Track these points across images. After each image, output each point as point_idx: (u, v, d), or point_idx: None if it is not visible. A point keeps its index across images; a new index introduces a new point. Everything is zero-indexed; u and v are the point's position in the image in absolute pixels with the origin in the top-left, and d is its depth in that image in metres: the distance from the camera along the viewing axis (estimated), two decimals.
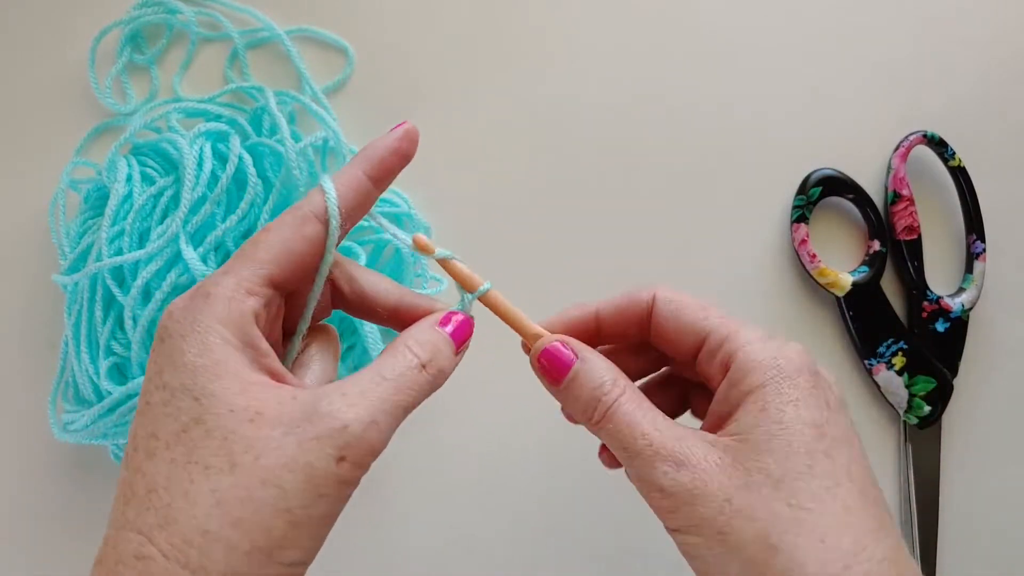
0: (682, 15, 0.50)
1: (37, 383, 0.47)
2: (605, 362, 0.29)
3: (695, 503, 0.26)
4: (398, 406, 0.26)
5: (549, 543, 0.46)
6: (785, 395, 0.27)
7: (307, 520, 0.24)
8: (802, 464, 0.26)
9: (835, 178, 0.48)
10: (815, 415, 0.27)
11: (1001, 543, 0.47)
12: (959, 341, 0.47)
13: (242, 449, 0.23)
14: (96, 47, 0.48)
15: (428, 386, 0.27)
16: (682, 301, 0.30)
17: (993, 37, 0.50)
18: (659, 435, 0.27)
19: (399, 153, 0.30)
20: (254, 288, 0.26)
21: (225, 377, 0.24)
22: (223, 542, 0.23)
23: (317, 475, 0.24)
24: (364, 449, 0.24)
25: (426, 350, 0.27)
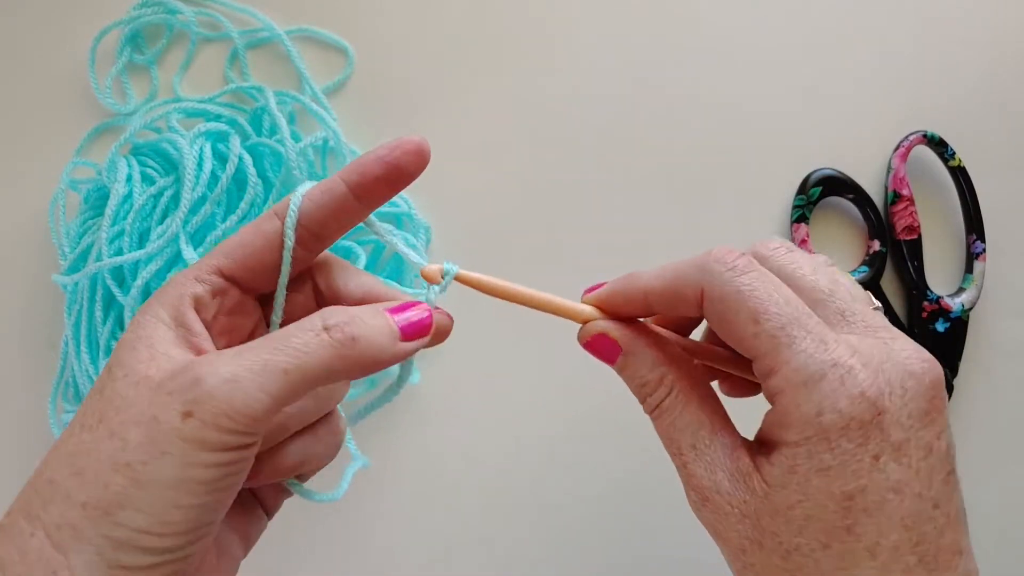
0: (682, 15, 0.50)
1: (37, 383, 0.47)
2: (652, 353, 0.28)
3: (716, 539, 0.26)
4: (275, 366, 0.23)
5: (548, 545, 0.46)
6: (817, 461, 0.24)
7: (149, 480, 0.22)
8: (817, 542, 0.24)
9: (835, 178, 0.48)
10: (848, 484, 0.23)
11: (1001, 543, 0.47)
12: (959, 341, 0.47)
13: (115, 408, 0.23)
14: (96, 47, 0.48)
15: (329, 351, 0.24)
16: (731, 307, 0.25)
17: (993, 37, 0.50)
18: (693, 456, 0.26)
19: (384, 162, 0.26)
20: (201, 276, 0.26)
21: (139, 348, 0.24)
22: (62, 492, 0.22)
23: (161, 429, 0.22)
24: (216, 407, 0.22)
25: (337, 316, 0.24)
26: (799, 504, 0.24)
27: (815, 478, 0.24)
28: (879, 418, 0.23)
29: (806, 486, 0.24)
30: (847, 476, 0.23)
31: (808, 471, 0.24)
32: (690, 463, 0.26)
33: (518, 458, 0.47)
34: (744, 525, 0.25)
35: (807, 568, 0.24)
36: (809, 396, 0.24)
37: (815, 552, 0.24)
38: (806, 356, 0.24)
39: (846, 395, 0.23)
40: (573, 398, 0.46)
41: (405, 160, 0.27)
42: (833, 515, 0.23)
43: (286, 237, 0.26)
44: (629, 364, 0.28)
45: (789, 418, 0.24)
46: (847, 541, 0.23)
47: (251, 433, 0.23)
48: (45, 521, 0.22)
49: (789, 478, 0.24)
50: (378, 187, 0.27)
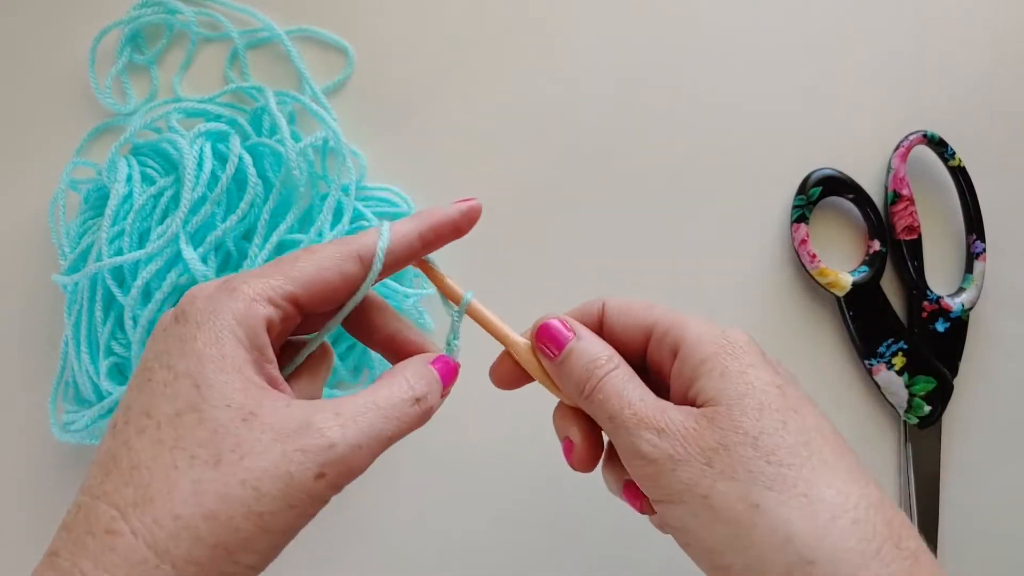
0: (682, 16, 0.50)
1: (37, 383, 0.47)
2: (601, 341, 0.31)
3: (677, 469, 0.27)
4: (384, 435, 0.26)
5: (549, 544, 0.46)
6: (741, 359, 0.28)
7: (274, 527, 0.24)
8: (776, 421, 0.26)
9: (835, 178, 0.48)
10: (774, 377, 0.28)
11: (1001, 543, 0.47)
12: (959, 341, 0.47)
13: (230, 446, 0.24)
14: (96, 47, 0.48)
15: (417, 420, 0.27)
16: (628, 302, 0.31)
17: (993, 37, 0.50)
18: (643, 406, 0.28)
19: (455, 226, 0.31)
20: (276, 299, 0.27)
21: (229, 371, 0.25)
22: (191, 531, 0.23)
23: (294, 486, 0.24)
24: (344, 470, 0.25)
25: (421, 385, 0.28)
26: (748, 392, 0.27)
27: (749, 371, 0.28)
28: (764, 354, 0.29)
29: (744, 378, 0.27)
30: (768, 372, 0.28)
31: (739, 368, 0.28)
32: (640, 410, 0.28)
33: (518, 458, 0.47)
34: (704, 437, 0.27)
35: (778, 447, 0.26)
36: (711, 326, 0.29)
37: (778, 431, 0.26)
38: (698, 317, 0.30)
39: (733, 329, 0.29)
40: None
41: (471, 223, 0.31)
42: (778, 398, 0.27)
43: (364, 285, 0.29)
44: (581, 344, 0.30)
45: (700, 339, 0.29)
46: (797, 420, 0.27)
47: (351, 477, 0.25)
48: (174, 556, 0.23)
49: (725, 380, 0.27)
50: (441, 243, 0.31)
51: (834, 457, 0.26)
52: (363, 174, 0.48)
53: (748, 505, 0.25)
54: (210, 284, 0.27)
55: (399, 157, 0.49)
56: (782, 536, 0.25)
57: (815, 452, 0.26)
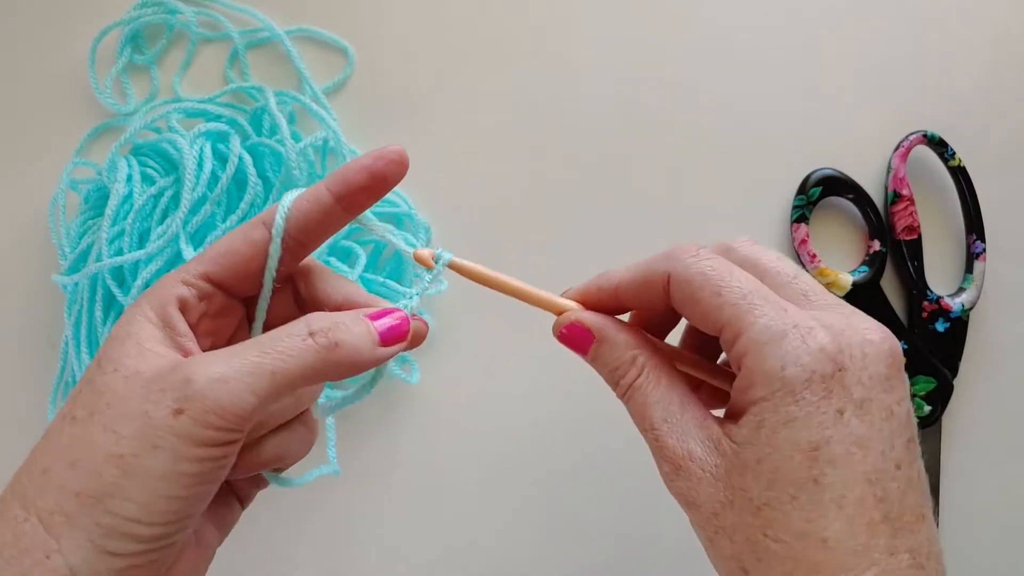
0: (682, 16, 0.50)
1: (37, 383, 0.47)
2: (625, 337, 0.29)
3: (688, 508, 0.27)
4: (263, 368, 0.24)
5: (549, 544, 0.46)
6: (783, 413, 0.25)
7: (141, 471, 0.23)
8: (785, 494, 0.24)
9: (835, 178, 0.48)
10: (814, 435, 0.24)
11: (1001, 543, 0.47)
12: (959, 341, 0.47)
13: (106, 401, 0.24)
14: (96, 47, 0.48)
15: (313, 355, 0.25)
16: (695, 284, 0.27)
17: (993, 37, 0.50)
18: (666, 429, 0.27)
19: (368, 171, 0.28)
20: (188, 279, 0.27)
21: (127, 343, 0.25)
22: (56, 481, 0.24)
23: (153, 424, 0.23)
24: (207, 405, 0.23)
25: (321, 322, 0.26)
26: (767, 457, 0.25)
27: (782, 430, 0.25)
28: (840, 374, 0.25)
29: (773, 438, 0.25)
30: (812, 427, 0.24)
31: (775, 424, 0.25)
32: (662, 435, 0.27)
33: (518, 458, 0.47)
34: (716, 488, 0.26)
35: (777, 522, 0.24)
36: (773, 352, 0.25)
37: (784, 505, 0.24)
38: (768, 319, 0.25)
39: (807, 351, 0.25)
40: (573, 397, 0.46)
41: (388, 169, 0.28)
42: (800, 466, 0.24)
43: (272, 246, 0.27)
44: (602, 350, 0.29)
45: (754, 376, 0.25)
46: (814, 492, 0.24)
47: (237, 430, 0.24)
48: (39, 508, 0.24)
49: (757, 434, 0.25)
50: (361, 195, 0.28)
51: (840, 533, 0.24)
52: None
53: (738, 567, 0.25)
54: None
55: None
56: None
57: (817, 532, 0.24)
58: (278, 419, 0.29)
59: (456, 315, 0.48)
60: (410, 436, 0.47)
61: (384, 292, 0.45)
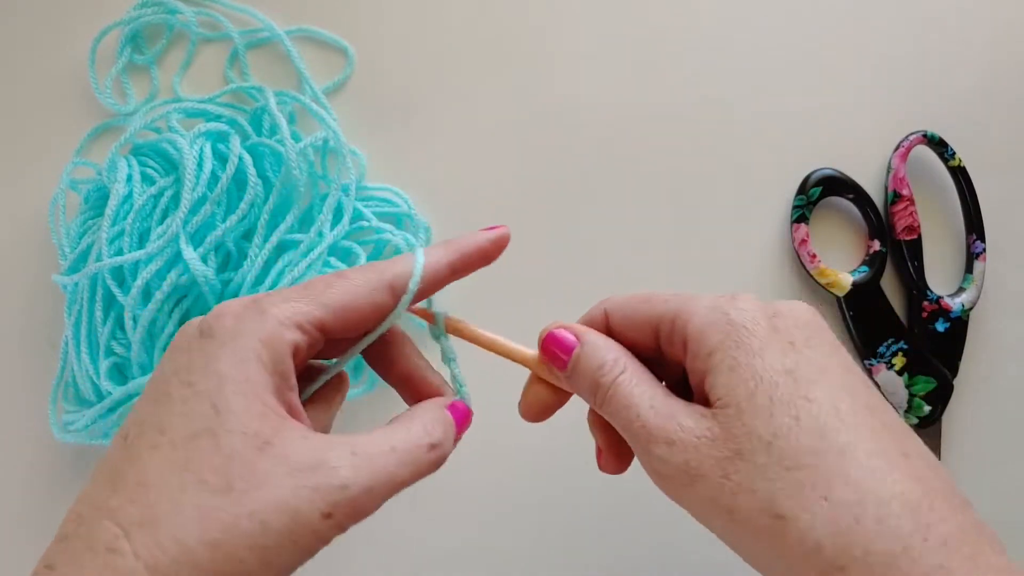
0: (682, 15, 0.50)
1: (37, 383, 0.47)
2: (607, 342, 0.29)
3: (694, 484, 0.25)
4: (397, 479, 0.25)
5: (549, 545, 0.46)
6: (748, 345, 0.26)
7: (275, 562, 0.23)
8: (788, 418, 0.24)
9: (835, 178, 0.48)
10: (785, 361, 0.25)
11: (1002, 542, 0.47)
12: (959, 341, 0.47)
13: (241, 475, 0.23)
14: (96, 47, 0.48)
15: (429, 467, 0.27)
16: (627, 300, 0.30)
17: (993, 37, 0.50)
18: (653, 413, 0.27)
19: (484, 255, 0.30)
20: (305, 325, 0.26)
21: (249, 396, 0.24)
22: (193, 558, 0.22)
23: (301, 523, 0.23)
24: (351, 512, 0.24)
25: (438, 431, 0.27)
26: (757, 389, 0.25)
27: (755, 361, 0.25)
28: (775, 319, 0.27)
29: (751, 370, 0.25)
30: (778, 354, 0.26)
31: (746, 359, 0.26)
32: (650, 420, 0.27)
33: (518, 458, 0.47)
34: (717, 447, 0.25)
35: (791, 449, 0.24)
36: (714, 310, 0.27)
37: (792, 430, 0.24)
38: (700, 297, 0.28)
39: (742, 304, 0.27)
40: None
41: (499, 251, 0.31)
42: (787, 389, 0.25)
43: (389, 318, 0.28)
44: (585, 351, 0.29)
45: (705, 331, 0.27)
46: (809, 408, 0.25)
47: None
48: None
49: (733, 375, 0.25)
50: (469, 271, 0.30)
51: (854, 441, 0.24)
52: (363, 174, 0.48)
53: (772, 517, 0.24)
54: (238, 301, 0.26)
55: (399, 157, 0.49)
56: (810, 546, 0.23)
57: (830, 444, 0.24)
58: None
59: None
60: None
61: None
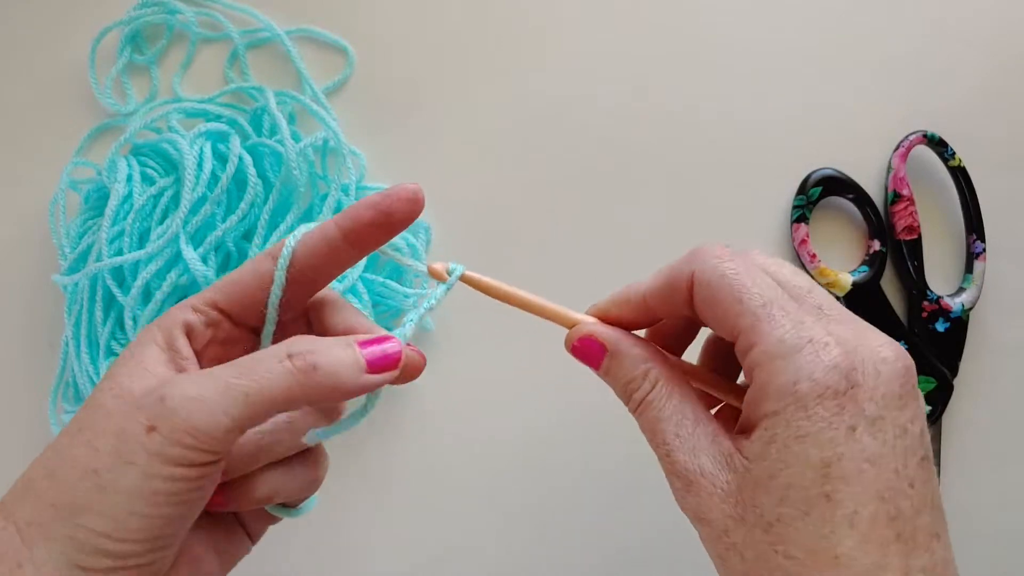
0: (682, 15, 0.50)
1: (37, 383, 0.47)
2: (638, 351, 0.28)
3: (699, 524, 0.26)
4: (237, 389, 0.24)
5: (549, 545, 0.46)
6: (794, 428, 0.24)
7: (112, 487, 0.23)
8: (797, 510, 0.24)
9: (835, 178, 0.48)
10: (825, 452, 0.24)
11: (1001, 543, 0.47)
12: (959, 341, 0.47)
13: (93, 418, 0.25)
14: (96, 47, 0.48)
15: (290, 378, 0.24)
16: (717, 287, 0.26)
17: (993, 37, 0.50)
18: (678, 445, 0.26)
19: (377, 209, 0.27)
20: (198, 306, 0.28)
21: (129, 364, 0.26)
22: (35, 492, 0.24)
23: (126, 441, 0.24)
24: (178, 424, 0.23)
25: (302, 345, 0.25)
26: (780, 473, 0.24)
27: (794, 445, 0.24)
28: (853, 391, 0.24)
29: (785, 454, 0.24)
30: (824, 443, 0.24)
31: (786, 439, 0.24)
32: (674, 451, 0.26)
33: (519, 458, 0.47)
34: (727, 504, 0.25)
35: (789, 538, 0.24)
36: (786, 366, 0.25)
37: (796, 521, 0.24)
38: (784, 331, 0.25)
39: (821, 366, 0.24)
40: (573, 398, 0.46)
41: (397, 207, 0.27)
42: (812, 482, 0.24)
43: (276, 276, 0.28)
44: (615, 363, 0.28)
45: (767, 389, 0.25)
46: (826, 509, 0.24)
47: (211, 451, 0.24)
48: (17, 517, 0.24)
49: (768, 449, 0.25)
50: (370, 233, 0.28)
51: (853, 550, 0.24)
52: (363, 174, 0.48)
53: None
54: None
55: (399, 157, 0.49)
56: None
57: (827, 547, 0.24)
58: (273, 453, 0.29)
59: (456, 315, 0.48)
60: (409, 437, 0.47)
61: (384, 292, 0.45)
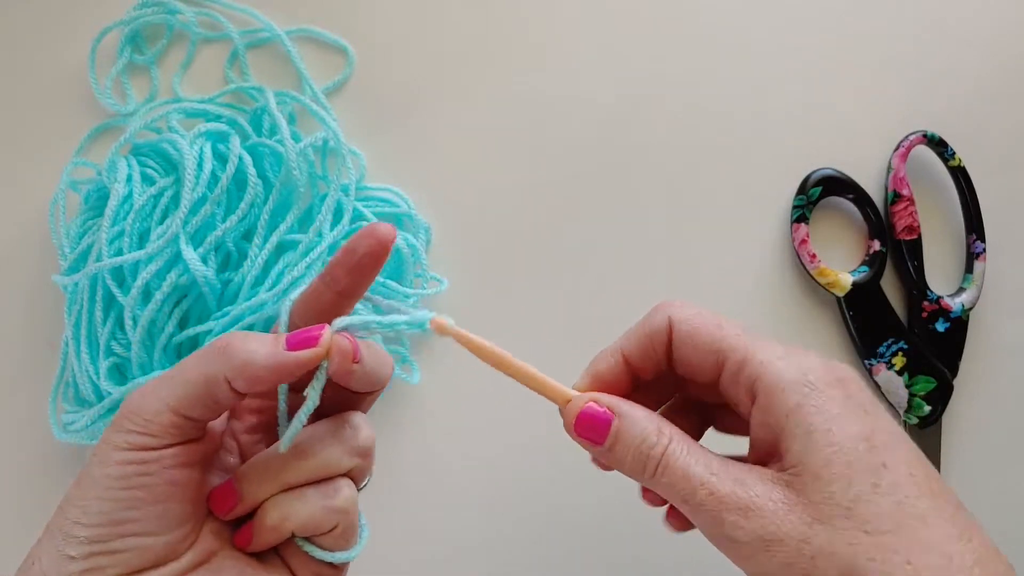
0: (682, 15, 0.50)
1: (37, 383, 0.47)
2: (644, 412, 0.28)
3: (771, 549, 0.25)
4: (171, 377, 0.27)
5: (549, 545, 0.46)
6: (826, 412, 0.26)
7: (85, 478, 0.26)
8: (867, 484, 0.25)
9: (835, 178, 0.48)
10: (861, 427, 0.26)
11: (1001, 543, 0.47)
12: (959, 341, 0.47)
13: None
14: (96, 47, 0.48)
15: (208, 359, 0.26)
16: (696, 320, 0.28)
17: (993, 37, 0.50)
18: (718, 481, 0.26)
19: (351, 251, 0.28)
20: None
21: None
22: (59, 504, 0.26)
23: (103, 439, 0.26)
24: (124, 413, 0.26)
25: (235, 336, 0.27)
26: (835, 456, 0.25)
27: (834, 426, 0.25)
28: (842, 382, 0.27)
29: (830, 437, 0.25)
30: (856, 420, 0.26)
31: (823, 424, 0.25)
32: (716, 487, 0.26)
33: (519, 458, 0.47)
34: (795, 512, 0.25)
35: (873, 515, 0.24)
36: (788, 364, 0.27)
37: (872, 496, 0.25)
38: (768, 344, 0.27)
39: (812, 364, 0.27)
40: None
41: (364, 246, 0.28)
42: (866, 455, 0.25)
43: None
44: (624, 426, 0.28)
45: (780, 387, 0.26)
46: (889, 476, 0.25)
47: (148, 433, 0.26)
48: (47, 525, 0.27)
49: (810, 439, 0.25)
50: (350, 277, 0.29)
51: (933, 509, 0.25)
52: (363, 174, 0.48)
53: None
54: None
55: (399, 157, 0.49)
56: None
57: (913, 510, 0.25)
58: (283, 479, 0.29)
59: (456, 315, 0.48)
60: (410, 436, 0.47)
61: (384, 292, 0.45)
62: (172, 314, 0.42)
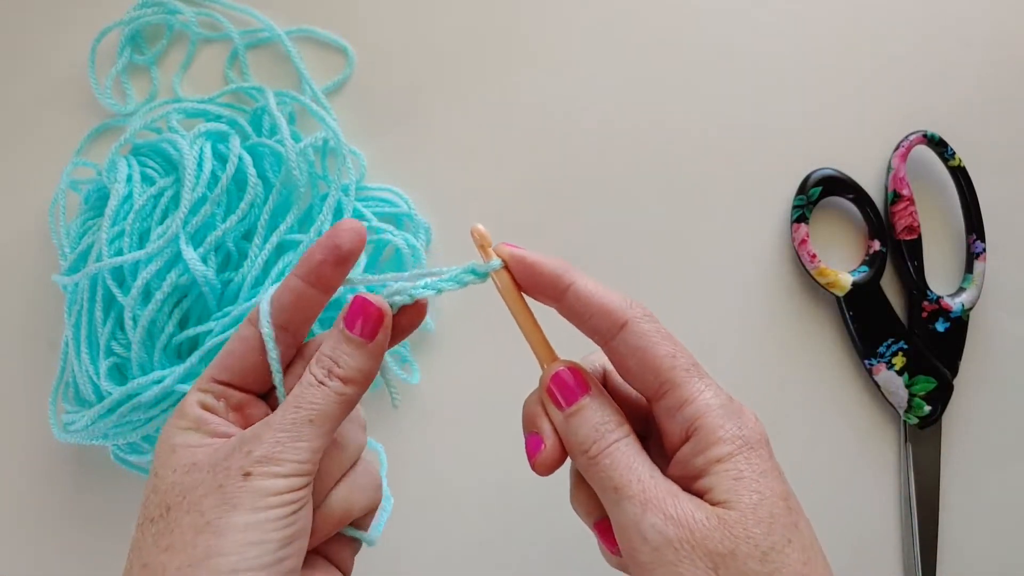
0: (682, 17, 0.50)
1: (37, 383, 0.47)
2: (615, 407, 0.29)
3: (679, 563, 0.26)
4: (299, 422, 0.28)
5: (549, 545, 0.46)
6: (756, 466, 0.27)
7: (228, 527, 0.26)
8: (783, 538, 0.26)
9: (835, 178, 0.48)
10: (782, 487, 0.27)
11: (1001, 543, 0.47)
12: (959, 341, 0.47)
13: (175, 496, 0.27)
14: (96, 47, 0.48)
15: (333, 394, 0.28)
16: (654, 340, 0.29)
17: (993, 37, 0.50)
18: (654, 484, 0.27)
19: (327, 248, 0.29)
20: (202, 386, 0.30)
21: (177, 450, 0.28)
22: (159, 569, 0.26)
23: (229, 492, 0.26)
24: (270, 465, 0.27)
25: (323, 366, 0.29)
26: (760, 503, 0.26)
27: (760, 480, 0.27)
28: (768, 444, 0.28)
29: (759, 486, 0.27)
30: (778, 480, 0.28)
31: (754, 475, 0.27)
32: (651, 487, 0.27)
33: (519, 458, 0.47)
34: (715, 539, 0.26)
35: (783, 566, 0.26)
36: (728, 417, 0.28)
37: (785, 548, 0.26)
38: (713, 389, 0.29)
39: (749, 420, 0.28)
40: None
41: (340, 239, 0.29)
42: (785, 513, 0.27)
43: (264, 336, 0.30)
44: (596, 403, 0.29)
45: (716, 435, 0.27)
46: (798, 537, 0.27)
47: (300, 475, 0.27)
48: None
49: (739, 485, 0.27)
50: (324, 270, 0.30)
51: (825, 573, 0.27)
52: (363, 174, 0.48)
53: None
54: None
55: (399, 157, 0.49)
56: None
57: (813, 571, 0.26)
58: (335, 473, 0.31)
59: (456, 315, 0.48)
60: (410, 436, 0.47)
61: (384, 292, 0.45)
62: (172, 314, 0.42)
